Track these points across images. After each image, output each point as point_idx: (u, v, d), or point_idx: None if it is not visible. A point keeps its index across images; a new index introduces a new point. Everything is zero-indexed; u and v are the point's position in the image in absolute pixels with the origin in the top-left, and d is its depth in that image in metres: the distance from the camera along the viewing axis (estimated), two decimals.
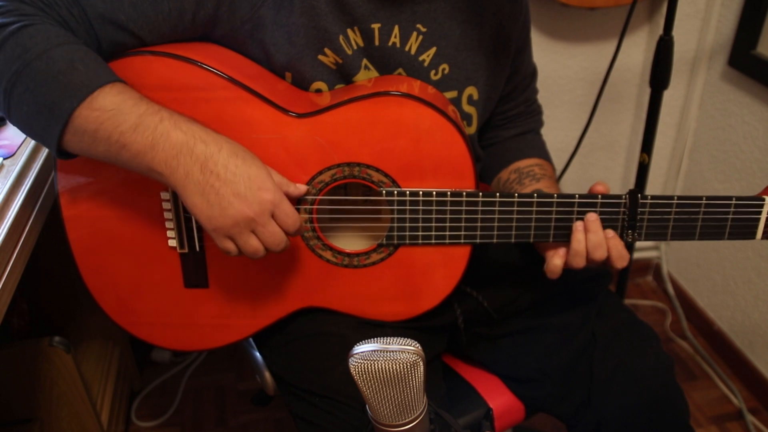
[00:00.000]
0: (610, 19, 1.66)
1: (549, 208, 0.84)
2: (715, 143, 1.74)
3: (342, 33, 0.85)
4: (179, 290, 0.89)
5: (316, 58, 0.86)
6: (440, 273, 0.88)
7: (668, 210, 0.84)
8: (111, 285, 0.89)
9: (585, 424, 0.95)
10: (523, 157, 1.04)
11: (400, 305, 0.90)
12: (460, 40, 0.92)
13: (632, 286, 2.07)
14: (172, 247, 0.87)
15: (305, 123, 0.81)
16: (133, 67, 0.79)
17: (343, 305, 0.91)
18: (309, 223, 0.86)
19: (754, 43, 1.52)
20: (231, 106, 0.80)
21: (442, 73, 0.92)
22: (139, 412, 1.65)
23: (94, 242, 0.87)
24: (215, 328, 0.92)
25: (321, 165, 0.83)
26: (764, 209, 0.84)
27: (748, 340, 1.71)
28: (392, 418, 0.62)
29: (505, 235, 0.86)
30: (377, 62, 0.89)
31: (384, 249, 0.87)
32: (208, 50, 0.83)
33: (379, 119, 0.81)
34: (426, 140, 0.81)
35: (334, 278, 0.89)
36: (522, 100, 1.06)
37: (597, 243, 0.82)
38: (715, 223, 0.85)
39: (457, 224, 0.85)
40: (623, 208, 0.84)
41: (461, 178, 0.83)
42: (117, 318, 0.92)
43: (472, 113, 0.96)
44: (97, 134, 0.72)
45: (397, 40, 0.88)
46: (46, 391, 1.19)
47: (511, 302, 1.01)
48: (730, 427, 1.61)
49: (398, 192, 0.83)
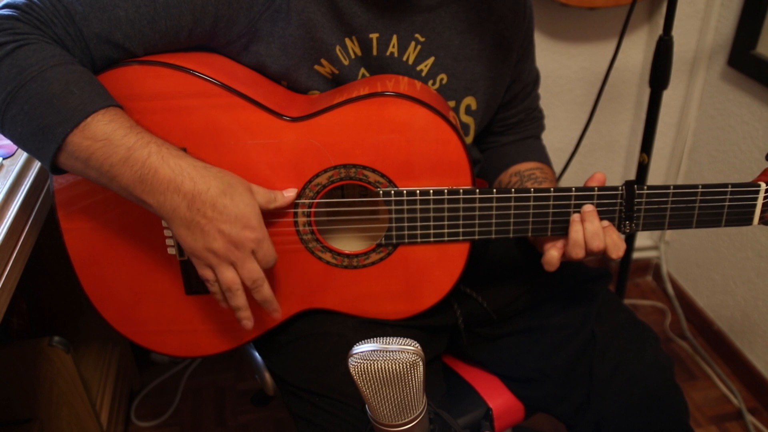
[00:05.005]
0: (609, 19, 1.66)
1: (546, 202, 0.84)
2: (715, 143, 1.74)
3: (339, 43, 0.85)
4: (180, 297, 0.89)
5: (312, 68, 0.86)
6: (440, 270, 0.88)
7: (665, 200, 0.84)
8: (112, 295, 0.90)
9: (585, 424, 0.95)
10: (524, 161, 1.03)
11: (401, 304, 0.90)
12: (459, 50, 0.91)
13: (632, 286, 2.07)
14: (172, 255, 0.87)
15: (300, 126, 0.81)
16: (125, 77, 0.79)
17: (344, 306, 0.91)
18: (307, 226, 0.86)
19: (754, 43, 1.52)
20: (225, 112, 0.80)
21: (440, 83, 0.92)
22: (138, 412, 1.65)
23: (93, 253, 0.87)
24: (217, 333, 0.92)
25: (317, 168, 0.83)
26: (760, 195, 0.85)
27: (748, 340, 1.71)
28: (392, 418, 0.62)
29: (503, 230, 0.86)
30: (375, 71, 0.89)
31: (383, 249, 0.87)
32: (200, 58, 0.83)
33: (374, 120, 0.81)
34: (421, 139, 0.82)
35: (335, 279, 0.89)
36: (522, 108, 1.06)
37: (594, 232, 0.83)
38: (712, 210, 0.85)
39: (455, 221, 0.85)
40: (620, 200, 0.84)
41: (458, 176, 0.84)
42: (120, 328, 0.92)
43: (470, 123, 0.96)
44: (89, 162, 0.73)
45: (395, 50, 0.88)
46: (46, 391, 1.19)
47: (511, 303, 1.01)
48: (729, 427, 1.61)
49: (395, 192, 0.84)
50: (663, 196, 0.84)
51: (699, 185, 0.84)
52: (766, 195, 0.85)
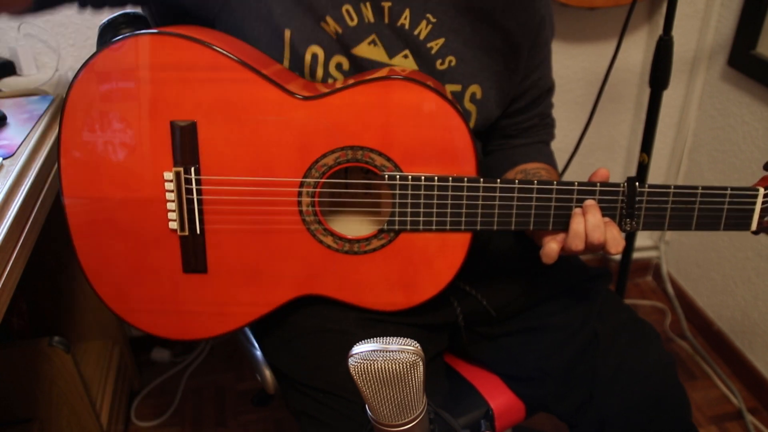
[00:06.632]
0: (609, 19, 1.66)
1: (549, 195, 0.84)
2: (715, 143, 1.74)
3: (349, 3, 0.86)
4: (177, 275, 0.89)
5: (318, 24, 0.87)
6: (440, 261, 0.88)
7: (665, 199, 0.85)
8: (108, 269, 0.89)
9: (587, 423, 0.95)
10: (530, 161, 1.04)
11: (399, 294, 0.90)
12: (470, 37, 0.92)
13: (632, 286, 2.07)
14: (173, 230, 0.86)
15: (311, 105, 0.82)
16: (143, 46, 0.80)
17: (341, 293, 0.91)
18: (311, 206, 0.85)
19: (754, 43, 1.52)
20: (238, 87, 0.81)
21: (448, 64, 0.92)
22: (138, 412, 1.65)
23: (93, 224, 0.86)
24: (213, 315, 0.91)
25: (325, 148, 0.83)
26: (758, 200, 0.85)
27: (748, 340, 1.71)
28: (392, 417, 0.62)
29: (505, 222, 0.86)
30: (386, 40, 0.90)
31: (385, 235, 0.87)
32: (217, 35, 0.85)
33: (384, 103, 0.81)
34: (429, 125, 0.82)
35: (334, 264, 0.88)
36: (536, 113, 1.06)
37: (595, 224, 0.83)
38: (711, 213, 0.85)
39: (458, 210, 0.85)
40: (621, 197, 0.84)
41: (463, 164, 0.84)
42: (113, 304, 0.90)
43: (472, 111, 0.96)
44: None
45: (406, 22, 0.89)
46: (46, 391, 1.20)
47: (511, 301, 1.01)
48: (729, 427, 1.61)
49: (400, 176, 0.84)
50: (664, 195, 0.84)
51: (699, 186, 0.84)
52: (764, 200, 0.85)
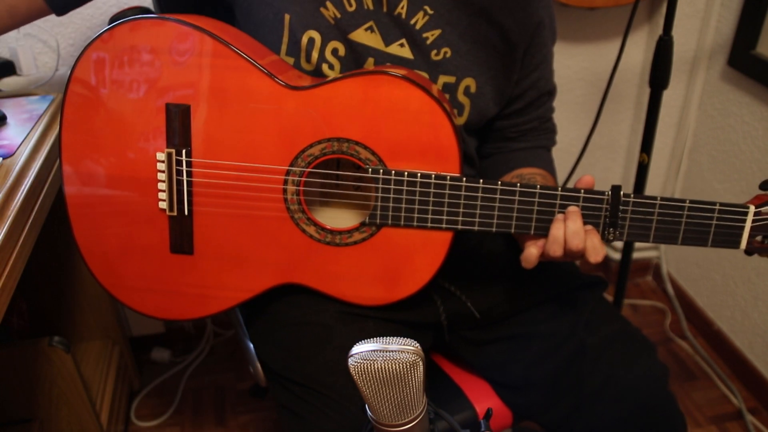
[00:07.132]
0: (609, 19, 1.66)
1: (531, 199, 0.84)
2: (715, 143, 1.74)
3: None
4: (165, 255, 0.91)
5: (317, 9, 0.89)
6: (421, 258, 0.89)
7: (651, 210, 0.83)
8: (100, 244, 0.91)
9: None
10: (528, 166, 1.03)
11: (379, 289, 0.90)
12: (466, 31, 0.93)
13: (632, 286, 2.07)
14: (162, 210, 0.88)
15: (301, 95, 0.84)
16: (143, 28, 0.83)
17: (322, 284, 0.91)
18: (296, 195, 0.87)
19: (754, 43, 1.52)
20: (231, 74, 0.84)
21: (443, 55, 0.93)
22: (138, 411, 1.65)
23: (89, 199, 0.89)
24: (196, 297, 0.93)
25: (312, 138, 0.85)
26: (748, 218, 0.82)
27: (748, 340, 1.71)
28: (392, 417, 0.62)
29: (486, 223, 0.86)
30: (383, 27, 0.91)
31: (366, 229, 0.88)
32: (216, 24, 0.88)
33: (371, 97, 0.83)
34: (414, 121, 0.83)
35: (316, 254, 0.89)
36: (536, 116, 1.06)
37: (575, 231, 0.81)
38: (698, 228, 0.83)
39: (440, 208, 0.85)
40: (605, 204, 0.83)
41: (446, 162, 0.85)
42: (102, 279, 0.93)
43: (465, 104, 0.96)
44: None
45: (403, 12, 0.90)
46: (46, 391, 1.20)
47: (496, 305, 0.99)
48: (729, 427, 1.61)
49: (383, 171, 0.84)
50: (649, 207, 0.83)
51: (686, 200, 0.82)
52: (755, 219, 0.82)
